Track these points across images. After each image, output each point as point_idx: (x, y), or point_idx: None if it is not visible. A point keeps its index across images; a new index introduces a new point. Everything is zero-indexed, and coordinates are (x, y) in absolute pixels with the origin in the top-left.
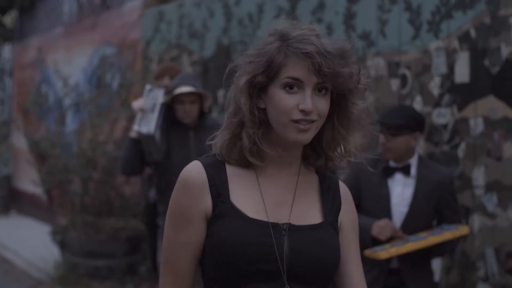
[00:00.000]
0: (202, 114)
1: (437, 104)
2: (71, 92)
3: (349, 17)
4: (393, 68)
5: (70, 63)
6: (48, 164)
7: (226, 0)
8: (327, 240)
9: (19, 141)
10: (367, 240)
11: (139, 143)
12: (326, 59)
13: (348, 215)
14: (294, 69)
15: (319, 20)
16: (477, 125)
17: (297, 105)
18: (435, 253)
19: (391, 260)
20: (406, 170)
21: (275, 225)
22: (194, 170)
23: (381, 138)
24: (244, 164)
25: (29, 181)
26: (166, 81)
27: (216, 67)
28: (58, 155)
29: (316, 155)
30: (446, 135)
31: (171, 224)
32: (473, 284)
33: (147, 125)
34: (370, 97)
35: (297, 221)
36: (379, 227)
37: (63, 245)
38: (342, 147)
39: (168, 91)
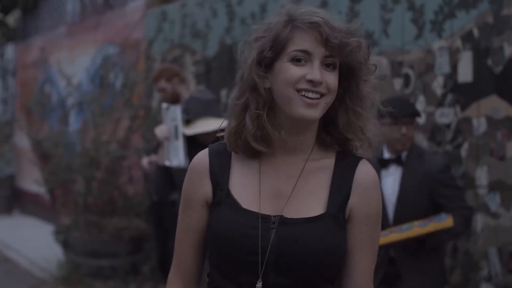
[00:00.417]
0: None
1: (440, 103)
2: (74, 91)
3: (352, 16)
4: (396, 67)
5: (73, 63)
6: (51, 164)
7: None
8: (323, 234)
9: (22, 140)
10: None
11: (169, 170)
12: (334, 30)
13: (360, 204)
14: (301, 41)
15: None
16: (480, 125)
17: (305, 75)
18: (429, 244)
19: (390, 248)
20: (398, 161)
21: (265, 217)
22: (199, 156)
23: (402, 129)
24: (250, 153)
25: (32, 181)
26: (162, 83)
27: (219, 67)
28: (61, 154)
29: (334, 140)
30: (449, 135)
31: (180, 207)
32: (476, 283)
33: (176, 156)
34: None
35: (292, 213)
36: None
37: (66, 245)
38: (361, 129)
39: (187, 119)
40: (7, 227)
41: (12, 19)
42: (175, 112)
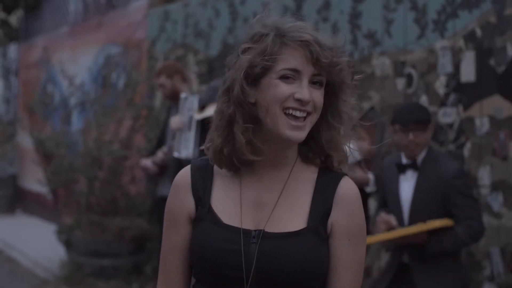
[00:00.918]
0: None
1: (442, 103)
2: (76, 91)
3: (355, 16)
4: (398, 67)
5: (76, 63)
6: (54, 164)
7: None
8: (303, 249)
9: (25, 140)
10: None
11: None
12: (323, 48)
13: (342, 219)
14: (291, 59)
15: (325, 19)
16: (482, 125)
17: (293, 94)
18: (429, 249)
19: (402, 254)
20: (414, 166)
21: (246, 232)
22: (182, 173)
23: (409, 136)
24: (234, 168)
25: (34, 181)
26: (162, 79)
27: (222, 67)
28: (64, 154)
29: (313, 154)
30: (451, 135)
31: (164, 227)
32: (478, 283)
33: (186, 147)
34: (375, 96)
35: (274, 227)
36: (376, 222)
37: (68, 245)
38: (334, 147)
39: (201, 105)
40: (10, 227)
41: (14, 18)
42: (193, 102)
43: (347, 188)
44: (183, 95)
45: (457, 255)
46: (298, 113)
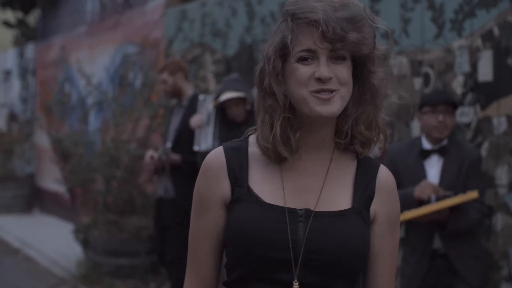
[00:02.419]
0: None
1: (460, 103)
2: (93, 91)
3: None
4: (416, 67)
5: (93, 62)
6: (71, 163)
7: None
8: (351, 228)
9: (42, 139)
10: (413, 205)
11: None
12: (332, 24)
13: (384, 206)
14: (304, 41)
15: None
16: (500, 124)
17: (313, 74)
18: (451, 225)
19: (432, 240)
20: (441, 151)
21: (291, 211)
22: (214, 154)
23: (439, 117)
24: (279, 156)
25: (52, 180)
26: (164, 75)
27: (239, 66)
28: (81, 153)
29: (346, 137)
30: (469, 134)
31: (192, 212)
32: (496, 283)
33: (205, 140)
34: (392, 96)
35: (322, 207)
36: (420, 188)
37: (85, 244)
38: (367, 125)
39: (215, 97)
40: (27, 226)
41: (32, 18)
42: (209, 102)
43: (386, 175)
44: (201, 96)
45: (478, 232)
46: (323, 95)
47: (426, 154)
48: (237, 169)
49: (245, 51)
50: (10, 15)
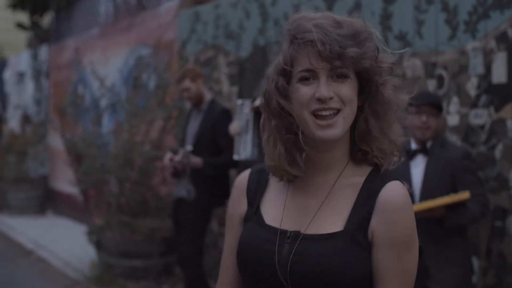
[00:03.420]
0: None
1: (474, 104)
2: (107, 92)
3: (386, 17)
4: (429, 68)
5: (106, 64)
6: (85, 164)
7: (262, 0)
8: (337, 251)
9: (55, 141)
10: None
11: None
12: (329, 42)
13: (384, 227)
14: (303, 61)
15: None
16: None
17: (314, 94)
18: (447, 223)
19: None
20: (425, 151)
21: (283, 232)
22: (241, 175)
23: (422, 118)
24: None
25: (65, 181)
26: (187, 83)
27: (253, 68)
28: (95, 155)
29: (362, 154)
30: (483, 136)
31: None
32: (510, 285)
33: (244, 149)
34: (406, 98)
35: (312, 229)
36: None
37: (99, 245)
38: (381, 140)
39: (252, 101)
40: (41, 228)
41: (45, 20)
42: (247, 107)
43: (390, 193)
44: (239, 101)
45: (466, 235)
46: (324, 112)
47: (412, 154)
48: (253, 190)
49: (259, 53)
50: (24, 17)
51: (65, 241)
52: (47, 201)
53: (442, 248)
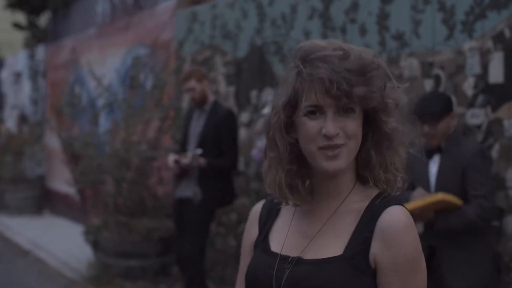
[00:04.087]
0: None
1: (471, 104)
2: (104, 92)
3: (383, 17)
4: (426, 68)
5: (104, 64)
6: (82, 164)
7: (259, 0)
8: (334, 276)
9: (52, 141)
10: None
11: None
12: (337, 80)
13: (386, 252)
14: (310, 95)
15: (352, 21)
16: (511, 126)
17: (321, 129)
18: (437, 225)
19: (427, 236)
20: (440, 150)
21: (283, 258)
22: (258, 203)
23: (424, 128)
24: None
25: (62, 181)
26: (192, 83)
27: (249, 68)
28: (92, 155)
29: (367, 179)
30: (480, 136)
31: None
32: (507, 285)
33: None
34: (403, 98)
35: (312, 254)
36: (412, 196)
37: (96, 245)
38: (384, 169)
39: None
40: (38, 228)
41: (42, 20)
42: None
43: (390, 217)
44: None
45: (484, 235)
46: (330, 151)
47: (430, 153)
48: (265, 218)
49: (256, 53)
50: (21, 17)
51: (62, 241)
52: (44, 201)
53: (458, 248)
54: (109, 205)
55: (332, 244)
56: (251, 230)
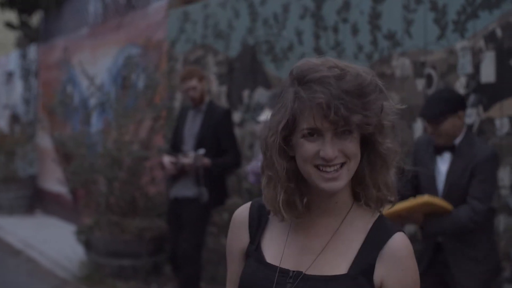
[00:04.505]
0: None
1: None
2: (96, 92)
3: (375, 17)
4: (418, 68)
5: (95, 64)
6: (74, 164)
7: (251, 0)
8: None
9: (44, 141)
10: None
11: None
12: (335, 104)
13: (395, 275)
14: (308, 118)
15: (344, 20)
16: (503, 125)
17: (318, 151)
18: (428, 227)
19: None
20: (452, 149)
21: (284, 272)
22: (241, 209)
23: (429, 128)
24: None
25: (54, 181)
26: (194, 82)
27: (242, 67)
28: (84, 155)
29: (364, 197)
30: None
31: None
32: (498, 285)
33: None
34: (395, 97)
35: (316, 271)
36: None
37: (88, 245)
38: (376, 187)
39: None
40: (30, 227)
41: (34, 20)
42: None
43: (399, 243)
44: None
45: (490, 233)
46: (328, 169)
47: (440, 150)
48: (255, 226)
49: (248, 52)
50: (12, 16)
51: (54, 241)
52: (36, 200)
53: (465, 245)
54: (101, 205)
55: (336, 262)
56: (239, 236)
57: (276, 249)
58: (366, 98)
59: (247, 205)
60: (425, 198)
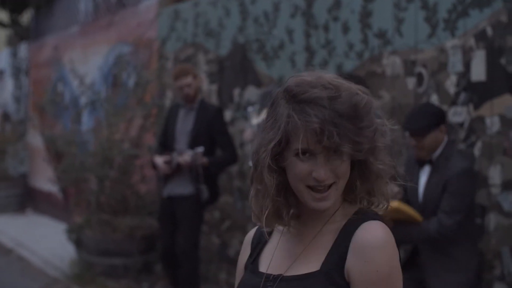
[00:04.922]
0: None
1: (453, 102)
2: (87, 90)
3: (365, 15)
4: (409, 66)
5: (86, 62)
6: (64, 163)
7: None
8: None
9: (35, 139)
10: None
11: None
12: (329, 129)
13: (359, 266)
14: (302, 139)
15: (335, 19)
16: (493, 124)
17: (311, 172)
18: (395, 233)
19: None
20: (431, 162)
21: (268, 277)
22: (252, 228)
23: (411, 141)
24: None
25: (45, 180)
26: (189, 79)
27: (232, 66)
28: (74, 153)
29: (350, 201)
30: (462, 134)
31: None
32: (488, 283)
33: None
34: (386, 96)
35: (294, 271)
36: None
37: (78, 244)
38: (371, 194)
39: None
40: (20, 226)
41: (25, 18)
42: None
43: (365, 232)
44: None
45: (468, 243)
46: (319, 188)
47: (421, 163)
48: (256, 241)
49: (238, 51)
50: (3, 14)
51: (45, 240)
52: (27, 199)
53: (442, 255)
54: (92, 204)
55: (311, 261)
56: (244, 253)
57: (268, 258)
58: (360, 122)
59: (257, 226)
60: (395, 204)
